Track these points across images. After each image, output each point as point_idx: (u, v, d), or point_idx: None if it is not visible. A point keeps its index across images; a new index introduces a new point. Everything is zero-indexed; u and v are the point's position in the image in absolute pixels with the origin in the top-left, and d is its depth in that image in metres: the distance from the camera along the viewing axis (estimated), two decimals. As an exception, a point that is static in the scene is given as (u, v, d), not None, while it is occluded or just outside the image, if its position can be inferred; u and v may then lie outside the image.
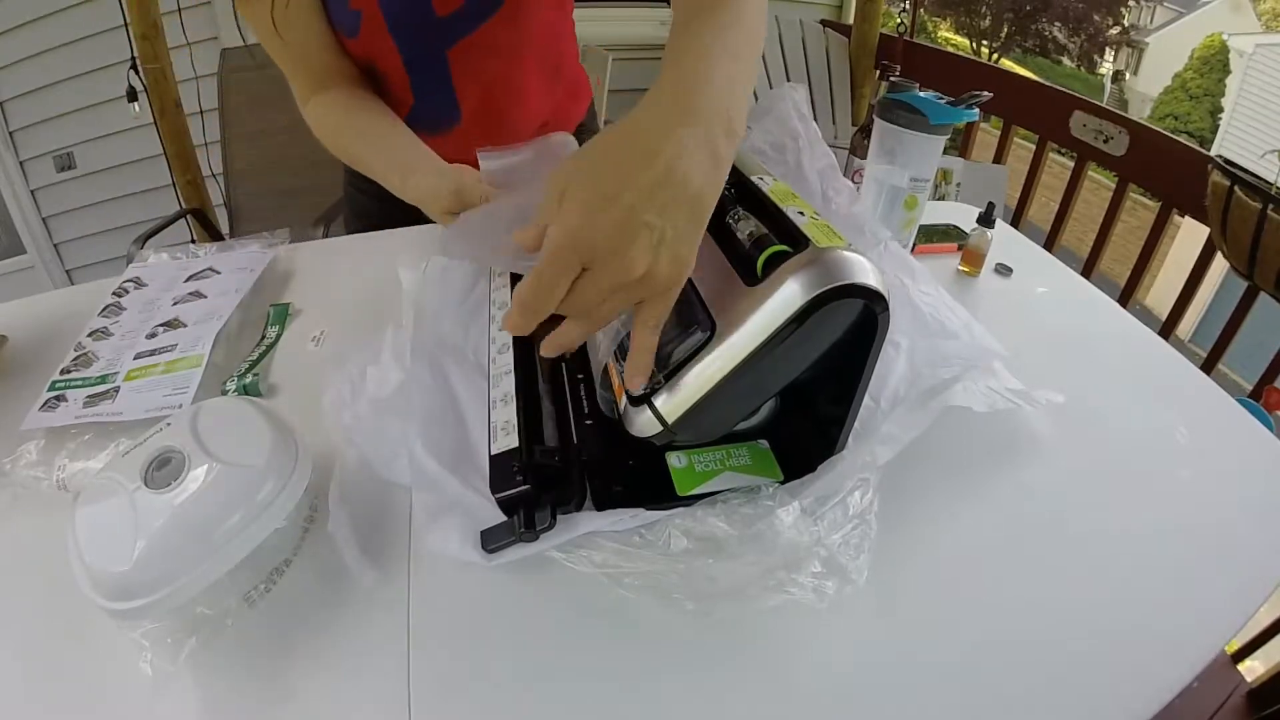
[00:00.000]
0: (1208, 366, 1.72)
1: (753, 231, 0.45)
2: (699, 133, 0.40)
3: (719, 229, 0.48)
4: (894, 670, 0.48)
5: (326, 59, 0.78)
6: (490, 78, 0.85)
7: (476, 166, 0.76)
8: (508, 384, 0.57)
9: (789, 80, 2.77)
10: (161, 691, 0.45)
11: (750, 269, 0.43)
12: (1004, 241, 0.96)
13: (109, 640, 0.46)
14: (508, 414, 0.54)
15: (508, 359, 0.60)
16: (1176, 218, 1.88)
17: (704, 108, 0.41)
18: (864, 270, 0.41)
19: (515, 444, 0.52)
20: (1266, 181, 1.30)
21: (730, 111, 0.42)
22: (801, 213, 0.45)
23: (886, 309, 0.43)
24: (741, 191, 0.50)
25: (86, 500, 0.46)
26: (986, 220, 0.91)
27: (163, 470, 0.46)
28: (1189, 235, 1.72)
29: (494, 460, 0.51)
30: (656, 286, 0.39)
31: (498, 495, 0.49)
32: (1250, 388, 1.66)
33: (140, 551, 0.43)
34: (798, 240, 0.43)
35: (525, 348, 0.60)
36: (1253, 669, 1.31)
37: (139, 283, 0.83)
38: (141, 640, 0.45)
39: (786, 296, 0.40)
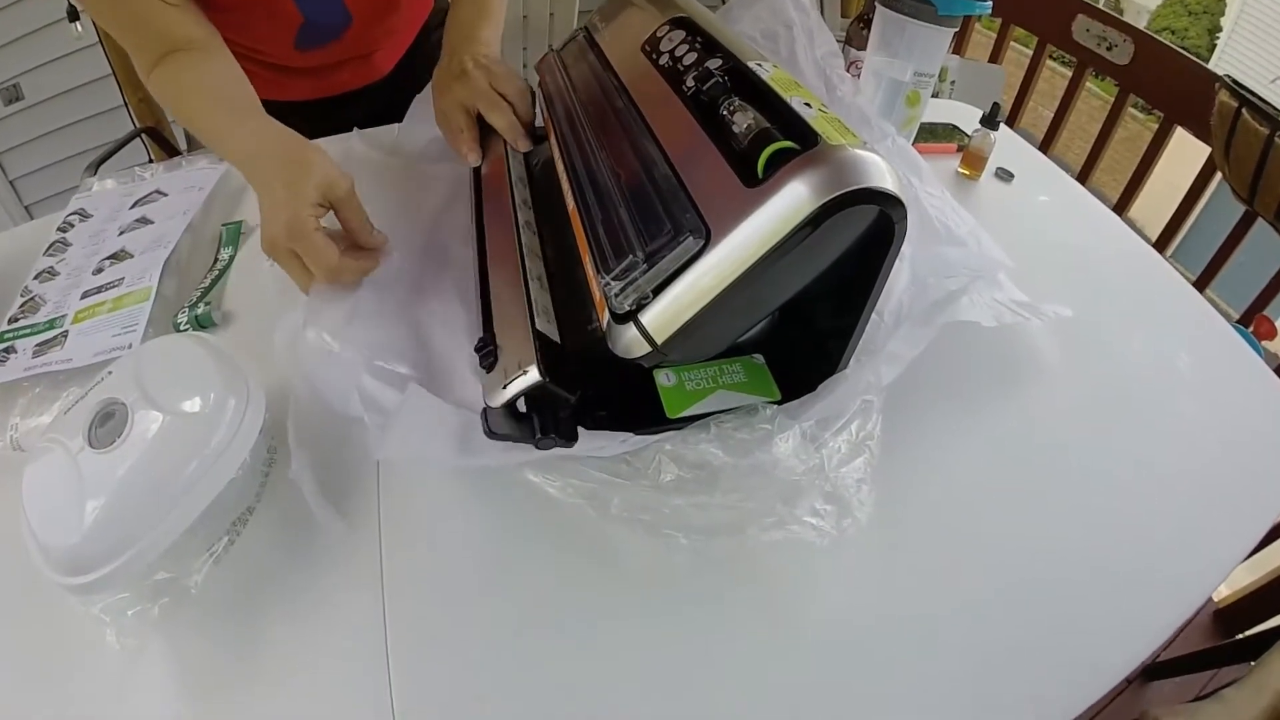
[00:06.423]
0: (1197, 290, 1.67)
1: (751, 125, 0.39)
2: None
3: (711, 121, 0.42)
4: (894, 608, 0.45)
5: (169, 20, 0.67)
6: None
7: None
8: (539, 267, 0.53)
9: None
10: (132, 663, 0.41)
11: (750, 168, 0.37)
12: (1004, 145, 0.90)
13: (75, 611, 0.43)
14: (545, 300, 0.50)
15: (534, 239, 0.55)
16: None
17: None
18: (881, 172, 0.36)
19: (557, 339, 0.47)
20: (1276, 108, 1.22)
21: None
22: (808, 104, 0.39)
23: (905, 217, 0.38)
24: (736, 79, 0.44)
25: (32, 468, 0.42)
26: (990, 121, 0.85)
27: (106, 426, 0.42)
28: (1178, 150, 1.65)
29: (540, 336, 0.46)
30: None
31: (550, 382, 0.44)
32: (1234, 313, 1.62)
33: (90, 520, 0.39)
34: (805, 136, 0.37)
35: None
36: (1218, 589, 1.32)
37: (84, 214, 0.76)
38: (102, 615, 0.42)
39: (793, 200, 0.35)
